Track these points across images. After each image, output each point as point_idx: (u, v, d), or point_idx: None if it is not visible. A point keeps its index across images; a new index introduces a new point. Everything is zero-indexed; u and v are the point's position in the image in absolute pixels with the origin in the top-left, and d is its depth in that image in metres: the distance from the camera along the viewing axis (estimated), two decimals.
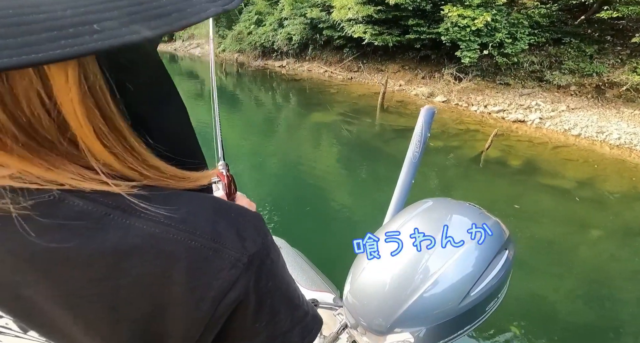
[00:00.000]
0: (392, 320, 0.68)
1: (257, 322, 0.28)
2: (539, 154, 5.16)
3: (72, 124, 0.21)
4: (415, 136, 1.01)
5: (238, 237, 0.26)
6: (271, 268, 0.28)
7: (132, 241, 0.23)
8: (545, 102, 6.79)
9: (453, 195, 4.09)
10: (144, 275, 0.23)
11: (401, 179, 1.06)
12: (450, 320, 0.68)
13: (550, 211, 3.70)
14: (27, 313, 0.24)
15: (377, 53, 9.52)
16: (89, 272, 0.22)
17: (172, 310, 0.24)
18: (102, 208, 0.23)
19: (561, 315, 2.43)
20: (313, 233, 3.20)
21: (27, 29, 0.16)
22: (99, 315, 0.23)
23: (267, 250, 0.28)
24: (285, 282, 0.30)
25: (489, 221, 0.76)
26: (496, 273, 0.70)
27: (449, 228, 0.74)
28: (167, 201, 0.25)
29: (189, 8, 0.20)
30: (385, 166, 4.74)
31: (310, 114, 6.95)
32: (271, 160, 4.99)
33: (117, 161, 0.24)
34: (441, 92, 7.79)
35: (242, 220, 0.28)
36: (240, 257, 0.26)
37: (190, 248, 0.24)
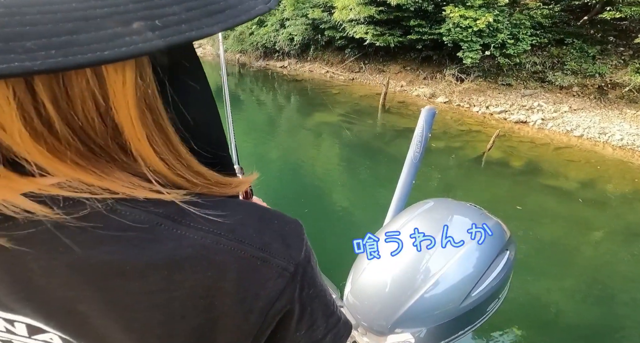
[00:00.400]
0: (393, 321, 0.68)
1: (298, 331, 0.28)
2: (541, 155, 5.14)
3: (126, 129, 0.20)
4: (416, 137, 1.00)
5: (284, 245, 0.26)
6: (312, 275, 0.28)
7: (184, 252, 0.22)
8: (547, 103, 6.75)
9: (454, 196, 4.09)
10: (196, 286, 0.22)
11: (402, 179, 1.06)
12: (451, 320, 0.68)
13: (552, 212, 3.69)
14: (79, 328, 0.23)
15: (378, 54, 9.49)
16: (144, 284, 0.22)
17: (223, 321, 0.24)
18: (153, 217, 0.22)
19: (562, 316, 2.43)
20: (313, 233, 3.17)
21: (93, 24, 0.15)
22: (153, 329, 0.23)
23: (309, 257, 0.28)
24: (323, 288, 0.30)
25: (490, 221, 0.75)
26: (497, 274, 0.70)
27: (449, 228, 0.74)
28: (216, 210, 0.24)
29: (240, 5, 0.19)
30: (387, 166, 4.74)
31: (312, 114, 6.96)
32: (273, 160, 5.00)
33: (166, 167, 0.23)
34: (443, 93, 7.77)
35: (287, 227, 0.27)
36: (286, 266, 0.25)
37: (239, 258, 0.24)
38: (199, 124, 0.26)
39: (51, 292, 0.21)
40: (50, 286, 0.21)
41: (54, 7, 0.14)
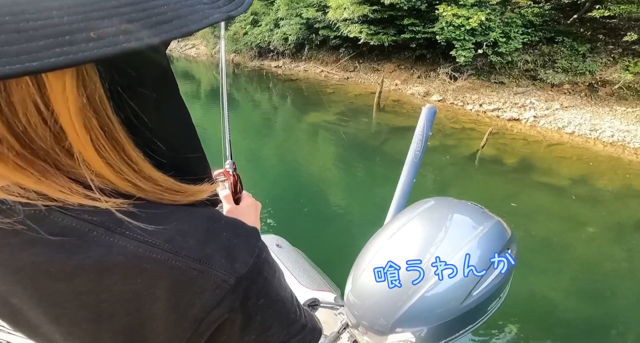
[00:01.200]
0: (394, 320, 0.68)
1: (246, 336, 0.28)
2: (533, 152, 5.20)
3: (69, 134, 0.21)
4: (417, 136, 1.01)
5: (227, 258, 0.26)
6: (263, 286, 0.28)
7: (115, 259, 0.23)
8: (539, 101, 6.83)
9: (450, 193, 4.12)
10: (125, 291, 0.23)
11: (402, 178, 1.06)
12: (452, 319, 0.68)
13: (546, 209, 3.74)
14: (13, 318, 0.25)
15: (373, 53, 9.52)
16: (72, 286, 0.23)
17: (154, 324, 0.24)
18: (85, 224, 0.23)
19: (558, 312, 2.46)
20: (313, 232, 3.21)
21: (24, 36, 0.15)
22: (81, 326, 0.24)
23: (259, 269, 0.28)
24: (279, 299, 0.30)
25: (491, 221, 0.75)
26: (498, 273, 0.70)
27: (451, 228, 0.74)
28: (157, 219, 0.24)
29: (191, 15, 0.19)
30: (382, 165, 4.75)
31: (307, 114, 6.95)
32: (269, 160, 4.99)
33: (112, 172, 0.23)
34: (437, 91, 7.83)
35: (235, 239, 0.27)
36: (226, 278, 0.25)
37: (173, 268, 0.24)
38: (161, 130, 0.26)
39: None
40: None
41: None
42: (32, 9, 0.16)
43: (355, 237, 3.01)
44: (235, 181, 0.62)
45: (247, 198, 0.60)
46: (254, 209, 0.60)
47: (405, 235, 0.76)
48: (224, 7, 0.21)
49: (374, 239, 0.80)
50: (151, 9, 0.18)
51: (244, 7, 0.22)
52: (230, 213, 0.57)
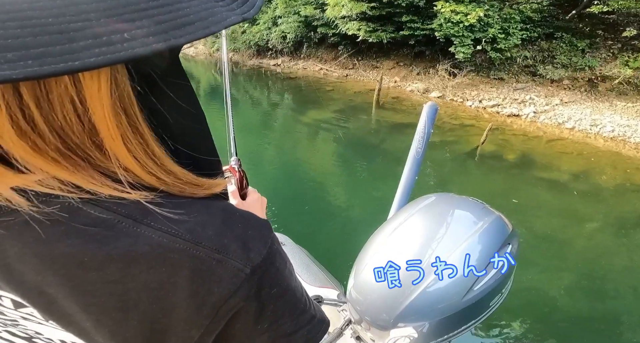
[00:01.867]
0: (396, 315, 0.68)
1: (259, 325, 0.29)
2: (534, 147, 5.20)
3: (101, 130, 0.22)
4: (418, 133, 1.01)
5: (243, 248, 0.27)
6: (275, 276, 0.30)
7: (140, 249, 0.24)
8: (539, 97, 6.81)
9: (450, 190, 4.07)
10: (150, 280, 0.24)
11: (405, 175, 1.06)
12: (453, 315, 0.68)
13: (546, 204, 3.73)
14: (48, 307, 0.26)
15: (371, 50, 9.49)
16: (102, 275, 0.24)
17: (176, 311, 0.26)
18: (115, 216, 0.24)
19: (559, 307, 2.45)
20: (315, 229, 3.21)
21: (66, 37, 0.17)
22: (110, 314, 0.25)
23: (272, 259, 0.29)
24: (290, 289, 0.32)
25: (492, 216, 0.76)
26: (499, 268, 0.70)
27: (453, 222, 0.75)
28: (179, 210, 0.26)
29: (211, 17, 0.21)
30: (383, 162, 4.75)
31: (306, 112, 6.93)
32: (269, 158, 4.99)
33: (138, 165, 0.25)
34: (436, 87, 7.81)
35: (250, 231, 0.28)
36: (242, 268, 0.27)
37: (194, 258, 0.25)
38: (179, 126, 0.28)
39: (24, 275, 0.24)
40: (23, 270, 0.24)
41: (32, 21, 0.17)
42: (72, 12, 0.17)
43: (357, 234, 2.99)
44: (241, 177, 0.63)
45: (253, 193, 0.62)
46: (260, 204, 0.62)
47: (406, 231, 0.76)
48: (237, 10, 0.23)
49: (376, 235, 0.81)
50: (176, 11, 0.20)
51: (256, 9, 0.24)
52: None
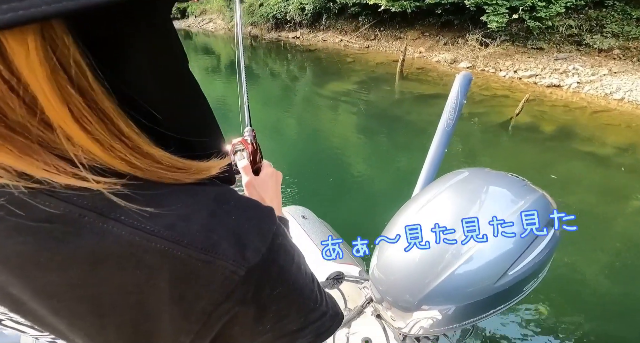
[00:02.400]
0: (420, 297, 0.64)
1: (261, 326, 0.26)
2: (575, 119, 4.77)
3: (43, 104, 0.18)
4: (450, 104, 0.95)
5: (237, 247, 0.23)
6: (279, 275, 0.26)
7: (107, 249, 0.21)
8: (584, 67, 6.29)
9: (478, 164, 3.86)
10: (125, 283, 0.21)
11: (433, 148, 1.00)
12: (483, 299, 0.63)
13: (588, 180, 3.42)
14: (18, 308, 0.23)
15: (394, 20, 9.01)
16: (65, 277, 0.21)
17: (161, 316, 0.22)
18: (75, 209, 0.20)
19: (597, 291, 2.23)
20: (337, 203, 3.10)
21: None
22: (83, 318, 0.22)
23: (274, 257, 0.25)
24: (297, 287, 0.28)
25: (534, 194, 0.69)
26: (539, 252, 0.64)
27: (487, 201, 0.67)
28: (156, 202, 0.22)
29: None
30: (406, 134, 4.53)
31: (326, 83, 6.72)
32: (290, 131, 4.87)
33: (101, 148, 0.20)
34: (465, 58, 7.32)
35: (246, 224, 0.24)
36: (235, 269, 0.23)
37: (175, 258, 0.21)
38: (163, 100, 0.24)
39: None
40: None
41: None
42: None
43: (380, 209, 2.89)
44: (254, 150, 0.58)
45: (266, 167, 0.57)
46: (275, 179, 0.57)
47: (435, 209, 0.70)
48: None
49: (402, 212, 0.75)
50: None
51: None
52: (249, 185, 0.54)
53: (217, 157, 0.27)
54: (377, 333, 0.90)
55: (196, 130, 0.27)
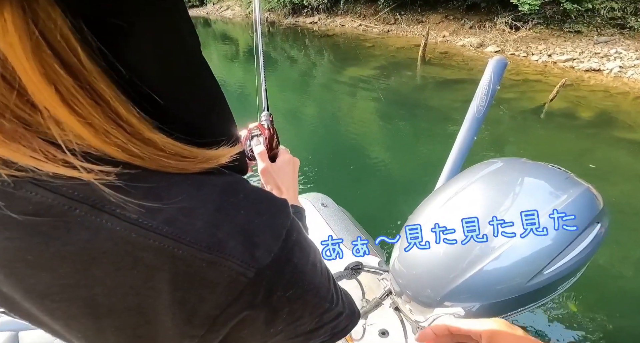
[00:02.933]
0: (443, 294, 0.61)
1: (272, 328, 0.25)
2: (616, 105, 4.40)
3: (26, 83, 0.16)
4: (481, 89, 0.90)
5: (245, 245, 0.21)
6: (293, 276, 0.24)
7: (101, 245, 0.19)
8: (627, 50, 5.84)
9: (506, 151, 3.61)
10: (121, 284, 0.19)
11: (461, 136, 0.95)
12: (512, 298, 0.59)
13: (628, 169, 3.11)
14: (12, 307, 0.22)
15: (416, 3, 8.70)
16: (57, 277, 0.19)
17: (160, 319, 0.21)
18: (65, 200, 0.18)
19: (631, 288, 2.00)
20: (358, 191, 2.99)
21: None
22: (78, 320, 0.20)
23: (289, 256, 0.23)
24: (312, 287, 0.26)
25: (579, 187, 0.63)
26: (581, 250, 0.59)
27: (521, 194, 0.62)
28: (155, 194, 0.20)
29: None
30: (429, 121, 4.33)
31: (345, 69, 6.53)
32: (309, 117, 4.76)
33: (95, 134, 0.18)
34: (493, 42, 6.92)
35: (257, 219, 0.22)
36: (244, 271, 0.21)
37: (175, 258, 0.19)
38: (168, 81, 0.22)
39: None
40: None
41: None
42: None
43: (401, 197, 2.77)
44: (270, 136, 0.56)
45: (283, 154, 0.55)
46: (292, 166, 0.55)
47: (465, 201, 0.65)
48: None
49: (427, 203, 0.71)
50: None
51: None
52: (265, 172, 0.53)
53: (228, 144, 0.25)
54: (395, 326, 0.88)
55: (204, 116, 0.24)
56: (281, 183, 0.52)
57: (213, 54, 9.32)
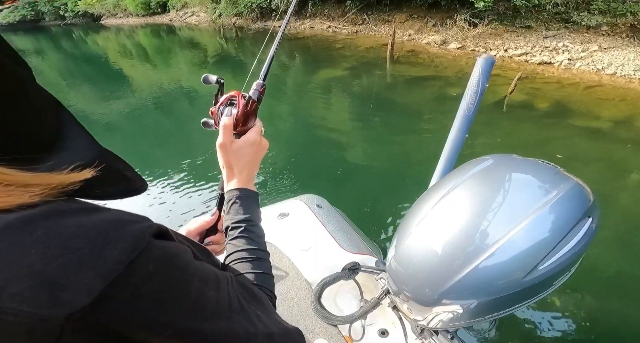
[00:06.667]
0: (440, 292, 0.61)
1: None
2: (569, 95, 4.75)
3: None
4: (470, 88, 0.92)
5: (40, 288, 0.18)
6: (152, 312, 0.21)
7: None
8: (573, 44, 6.29)
9: (475, 145, 3.80)
10: None
11: (452, 134, 0.96)
12: (509, 294, 0.59)
13: (585, 155, 3.38)
14: None
15: (381, 3, 8.88)
16: None
17: None
18: None
19: (598, 271, 2.18)
20: (349, 191, 3.03)
21: None
22: None
23: (135, 290, 0.20)
24: (202, 324, 0.24)
25: (568, 182, 0.64)
26: (574, 245, 0.59)
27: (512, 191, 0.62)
28: None
29: None
30: (401, 117, 4.44)
31: (317, 71, 6.58)
32: (288, 122, 4.75)
33: None
34: (455, 38, 7.23)
35: (64, 257, 0.19)
36: (45, 317, 0.18)
37: None
38: None
39: None
40: None
41: None
42: None
43: (394, 195, 2.82)
44: (245, 111, 0.49)
45: (251, 133, 0.49)
46: (256, 148, 0.49)
47: (457, 200, 0.65)
48: None
49: (421, 202, 0.71)
50: None
51: None
52: (221, 147, 0.48)
53: (73, 167, 0.23)
54: (394, 325, 0.89)
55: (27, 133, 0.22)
56: (235, 164, 0.48)
57: (181, 62, 9.04)
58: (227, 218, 0.47)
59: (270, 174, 3.22)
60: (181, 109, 5.48)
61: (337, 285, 0.94)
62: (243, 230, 0.44)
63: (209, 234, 0.55)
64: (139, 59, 9.96)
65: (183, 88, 6.37)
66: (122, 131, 4.85)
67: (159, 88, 6.58)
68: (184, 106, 5.60)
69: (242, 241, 0.44)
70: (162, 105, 5.68)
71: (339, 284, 0.93)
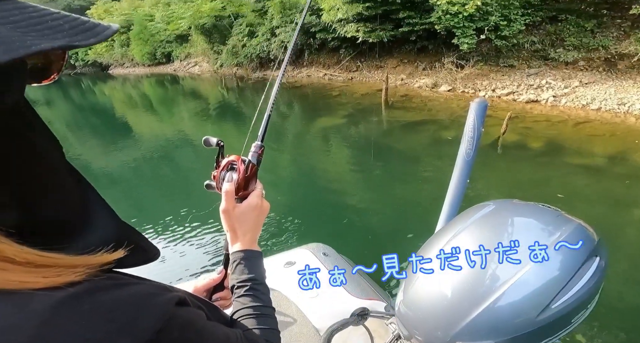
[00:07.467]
0: (453, 334, 0.61)
1: None
2: (560, 133, 4.93)
3: None
4: (467, 133, 0.93)
5: None
6: None
7: None
8: (555, 80, 6.60)
9: (474, 187, 3.89)
10: None
11: (454, 180, 0.97)
12: (525, 333, 0.60)
13: (585, 193, 3.45)
14: None
15: (373, 50, 9.45)
16: None
17: None
18: None
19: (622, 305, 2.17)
20: (354, 238, 3.07)
21: None
22: None
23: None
24: None
25: (570, 224, 0.65)
26: (584, 284, 0.61)
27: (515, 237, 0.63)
28: None
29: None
30: (399, 163, 4.56)
31: (316, 119, 6.85)
32: (289, 171, 4.87)
33: None
34: (445, 81, 7.63)
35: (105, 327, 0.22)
36: None
37: None
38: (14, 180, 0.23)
39: None
40: None
41: None
42: None
43: (398, 239, 2.87)
44: (245, 176, 0.50)
45: (252, 197, 0.51)
46: (258, 212, 0.51)
47: (462, 243, 0.67)
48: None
49: (427, 249, 0.73)
50: None
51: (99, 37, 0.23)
52: (225, 212, 0.50)
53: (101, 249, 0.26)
54: None
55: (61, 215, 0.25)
56: (238, 228, 0.50)
57: (183, 111, 9.41)
58: (232, 278, 0.49)
59: (276, 224, 3.26)
60: (185, 161, 5.58)
61: (346, 332, 0.91)
62: (248, 288, 0.47)
63: (216, 290, 0.58)
64: (143, 109, 10.35)
65: (185, 140, 6.55)
66: (126, 183, 4.90)
67: (163, 140, 6.76)
68: (188, 158, 5.70)
69: (248, 299, 0.46)
70: (166, 156, 5.80)
71: (348, 330, 0.91)
